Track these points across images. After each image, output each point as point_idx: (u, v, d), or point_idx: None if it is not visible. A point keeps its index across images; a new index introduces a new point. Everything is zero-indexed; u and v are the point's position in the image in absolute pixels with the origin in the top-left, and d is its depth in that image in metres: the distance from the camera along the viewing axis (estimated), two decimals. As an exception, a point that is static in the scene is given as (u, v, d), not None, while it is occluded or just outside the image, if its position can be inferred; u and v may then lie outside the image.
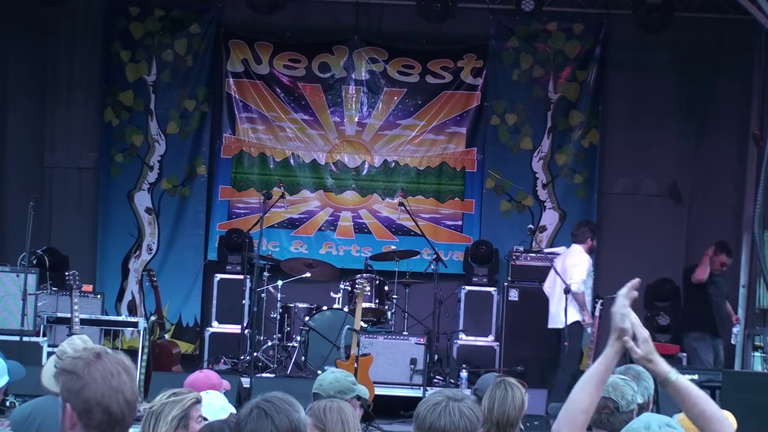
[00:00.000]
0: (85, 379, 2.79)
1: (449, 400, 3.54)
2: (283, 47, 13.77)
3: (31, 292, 10.99)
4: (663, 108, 13.69)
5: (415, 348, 11.40)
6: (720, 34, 13.44)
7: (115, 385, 2.81)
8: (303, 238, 13.74)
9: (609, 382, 4.50)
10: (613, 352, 3.38)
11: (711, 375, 10.78)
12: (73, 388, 2.79)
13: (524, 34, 13.64)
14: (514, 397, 5.00)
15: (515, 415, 4.99)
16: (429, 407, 3.54)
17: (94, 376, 2.80)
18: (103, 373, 2.80)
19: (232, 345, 12.20)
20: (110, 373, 2.81)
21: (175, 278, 13.46)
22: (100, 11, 13.75)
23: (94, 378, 2.79)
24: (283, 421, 3.00)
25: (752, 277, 12.95)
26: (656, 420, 3.10)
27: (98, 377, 2.80)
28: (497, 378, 5.20)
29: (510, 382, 5.07)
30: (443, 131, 13.77)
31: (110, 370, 2.82)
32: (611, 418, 4.45)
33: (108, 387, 2.80)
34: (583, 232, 11.81)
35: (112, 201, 13.66)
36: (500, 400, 5.00)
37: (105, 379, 2.80)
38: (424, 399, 3.63)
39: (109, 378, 2.81)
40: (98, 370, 2.81)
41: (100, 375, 2.80)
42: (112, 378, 2.81)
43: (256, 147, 13.79)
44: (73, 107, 13.73)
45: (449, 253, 13.28)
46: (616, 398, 4.49)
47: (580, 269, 11.42)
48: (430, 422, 3.51)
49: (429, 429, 3.51)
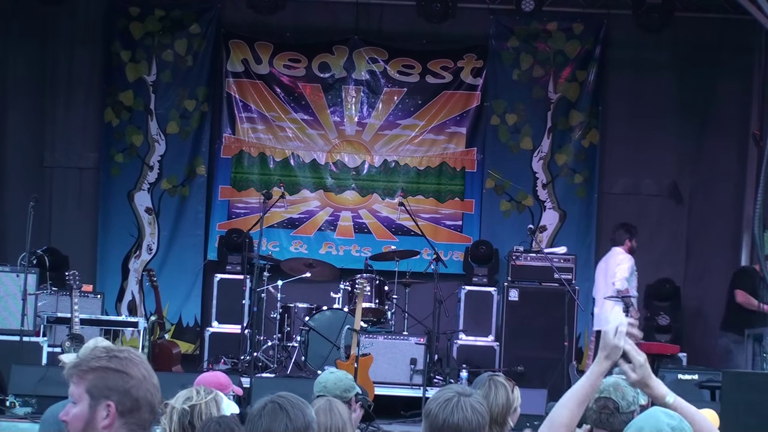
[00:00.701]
0: (135, 378, 2.81)
1: (460, 396, 3.56)
2: (283, 47, 13.77)
3: (31, 292, 10.99)
4: (663, 108, 13.69)
5: (415, 348, 11.39)
6: (720, 34, 13.44)
7: (156, 383, 2.86)
8: (303, 238, 13.74)
9: (610, 382, 4.50)
10: (599, 371, 3.37)
11: (711, 375, 10.78)
12: (121, 387, 2.79)
13: (524, 34, 13.64)
14: (497, 395, 5.03)
15: (498, 411, 5.01)
16: (440, 404, 3.55)
17: (142, 373, 2.83)
18: (146, 371, 2.84)
19: (232, 345, 12.19)
20: (150, 371, 2.86)
21: (175, 278, 13.47)
22: (100, 11, 13.75)
23: (142, 376, 2.83)
24: (297, 416, 3.01)
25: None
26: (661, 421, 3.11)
27: (145, 375, 2.84)
28: (488, 376, 5.23)
29: (496, 380, 5.11)
30: (443, 131, 13.77)
31: (149, 368, 2.86)
32: (611, 418, 4.45)
33: (152, 385, 2.84)
34: (620, 234, 12.05)
35: (112, 201, 13.66)
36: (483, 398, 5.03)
37: (149, 377, 2.84)
38: (434, 396, 3.64)
39: (151, 376, 2.85)
40: (143, 368, 2.84)
41: (146, 373, 2.84)
42: (153, 376, 2.86)
43: (256, 147, 13.79)
44: (73, 107, 13.73)
45: (449, 253, 13.28)
46: (616, 398, 4.49)
47: (622, 268, 11.69)
48: (443, 419, 3.52)
49: (443, 426, 3.52)
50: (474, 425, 3.54)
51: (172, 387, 5.33)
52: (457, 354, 12.44)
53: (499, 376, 5.18)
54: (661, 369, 11.08)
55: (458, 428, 3.53)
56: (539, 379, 11.37)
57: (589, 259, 13.41)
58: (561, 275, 11.96)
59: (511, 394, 5.07)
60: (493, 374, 5.23)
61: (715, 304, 13.36)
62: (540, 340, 12.11)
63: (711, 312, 13.42)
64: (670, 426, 3.13)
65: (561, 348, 11.22)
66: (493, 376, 5.19)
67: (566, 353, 11.13)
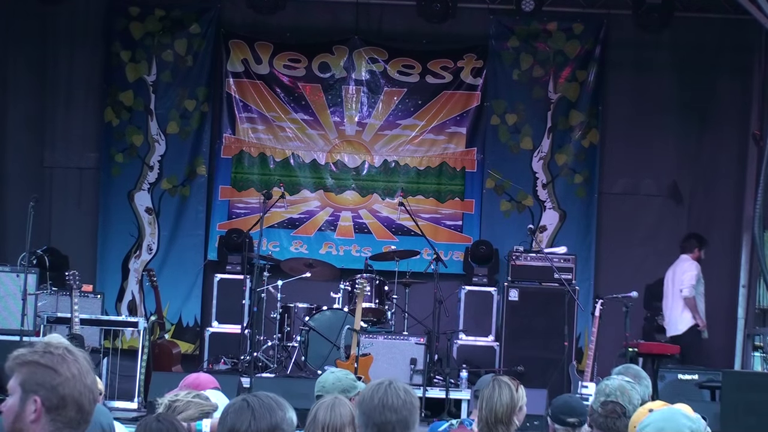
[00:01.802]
0: (64, 375, 2.79)
1: (391, 381, 3.78)
2: (283, 47, 13.77)
3: (31, 292, 10.99)
4: (663, 108, 13.68)
5: (415, 348, 11.39)
6: (720, 34, 13.43)
7: (89, 384, 2.81)
8: (303, 238, 13.74)
9: (616, 386, 4.50)
10: None
11: (711, 375, 10.79)
12: (48, 383, 2.78)
13: (524, 34, 13.64)
14: (501, 395, 5.07)
15: (503, 411, 5.05)
16: (373, 388, 3.75)
17: (73, 372, 2.80)
18: (79, 370, 2.81)
19: (232, 345, 12.20)
20: (85, 370, 2.82)
21: (175, 278, 13.46)
22: (100, 11, 13.75)
23: (72, 374, 2.80)
24: (263, 415, 3.00)
25: (752, 277, 12.95)
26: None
27: (76, 374, 2.80)
28: (492, 377, 5.26)
29: (500, 380, 5.15)
30: (443, 131, 13.77)
31: (84, 367, 2.82)
32: (617, 422, 4.46)
33: (83, 385, 2.80)
34: (691, 243, 12.37)
35: (112, 201, 13.66)
36: (488, 398, 5.10)
37: (81, 377, 2.81)
38: (366, 386, 3.86)
39: (85, 375, 2.82)
40: (75, 367, 2.81)
41: (77, 372, 2.80)
42: (86, 376, 2.82)
43: (256, 147, 13.79)
44: (73, 107, 13.73)
45: (449, 253, 13.28)
46: (623, 402, 4.49)
47: (689, 275, 12.07)
48: (378, 399, 3.71)
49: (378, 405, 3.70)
50: (408, 406, 3.72)
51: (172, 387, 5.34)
52: (457, 354, 12.44)
53: (502, 376, 5.21)
54: (661, 369, 11.09)
55: (393, 408, 3.70)
56: (539, 379, 11.36)
57: (589, 259, 13.42)
58: (561, 275, 11.96)
59: (516, 394, 5.10)
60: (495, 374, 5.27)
61: (715, 304, 13.36)
62: (540, 340, 12.12)
63: (711, 312, 13.40)
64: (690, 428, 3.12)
65: (561, 348, 11.21)
66: (497, 376, 5.22)
67: (566, 353, 11.13)
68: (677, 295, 12.10)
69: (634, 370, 5.51)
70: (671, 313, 12.22)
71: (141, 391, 10.89)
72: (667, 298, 12.35)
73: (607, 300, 11.17)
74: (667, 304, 12.35)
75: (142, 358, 11.06)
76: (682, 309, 12.02)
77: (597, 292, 12.83)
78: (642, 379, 5.24)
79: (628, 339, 10.94)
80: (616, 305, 11.15)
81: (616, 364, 5.89)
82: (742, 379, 9.69)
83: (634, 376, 5.18)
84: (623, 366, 5.64)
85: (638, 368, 5.64)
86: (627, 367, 5.57)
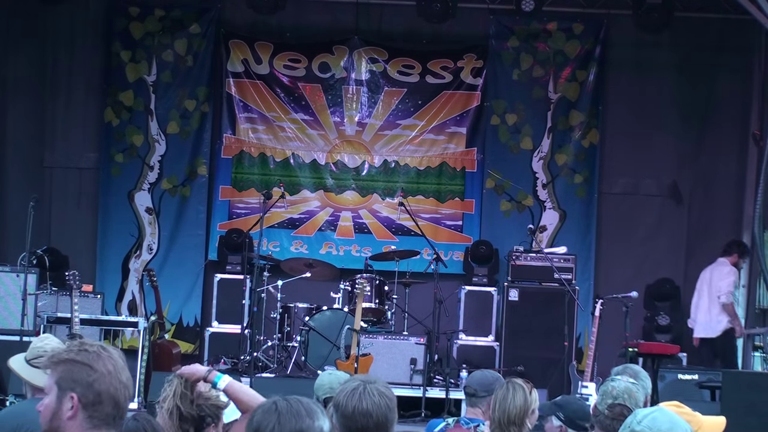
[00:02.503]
0: (99, 372, 2.83)
1: (365, 384, 3.67)
2: (283, 47, 13.77)
3: (31, 292, 10.98)
4: (663, 108, 13.68)
5: (415, 348, 11.39)
6: (720, 34, 13.43)
7: (124, 380, 2.87)
8: (303, 238, 13.74)
9: (623, 388, 4.50)
10: None
11: (711, 375, 10.78)
12: (84, 380, 2.82)
13: (524, 34, 13.64)
14: (515, 397, 5.07)
15: (516, 413, 5.05)
16: (347, 394, 3.66)
17: (108, 368, 2.85)
18: (114, 366, 2.86)
19: (232, 345, 12.19)
20: (120, 367, 2.87)
21: (176, 278, 13.46)
22: (100, 11, 13.75)
23: (108, 371, 2.85)
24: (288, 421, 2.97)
25: (752, 277, 12.95)
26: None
27: (111, 370, 2.85)
28: (507, 379, 5.27)
29: (514, 382, 5.16)
30: (443, 131, 13.77)
31: (119, 364, 2.88)
32: None
33: (118, 381, 2.85)
34: (732, 248, 12.33)
35: (113, 201, 13.66)
36: (501, 399, 5.10)
37: (116, 373, 2.86)
38: (340, 389, 3.74)
39: (120, 372, 2.87)
40: (110, 363, 2.86)
41: (112, 368, 2.85)
42: (121, 372, 2.87)
43: (256, 147, 13.79)
44: (73, 107, 13.73)
45: (449, 253, 13.28)
46: (631, 405, 4.49)
47: (727, 282, 12.06)
48: (352, 407, 3.63)
49: (353, 413, 3.62)
50: (383, 409, 3.63)
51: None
52: (457, 354, 12.45)
53: (516, 378, 5.21)
54: (661, 369, 11.09)
55: (368, 414, 3.62)
56: (539, 379, 11.32)
57: (589, 259, 13.42)
58: (561, 275, 11.96)
59: (529, 396, 5.12)
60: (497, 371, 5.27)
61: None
62: (540, 340, 12.12)
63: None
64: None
65: (561, 348, 11.21)
66: (511, 378, 5.23)
67: (566, 353, 11.12)
68: (713, 297, 12.08)
69: (633, 369, 5.51)
70: (706, 314, 12.18)
71: (141, 391, 10.88)
72: (702, 297, 12.28)
73: (607, 300, 11.17)
74: (700, 304, 12.29)
75: (142, 358, 11.04)
76: (718, 312, 12.01)
77: (597, 292, 12.83)
78: (641, 379, 5.24)
79: (628, 339, 10.94)
80: (616, 305, 11.15)
81: (616, 364, 5.89)
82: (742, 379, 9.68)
83: (633, 375, 5.18)
84: (623, 366, 5.64)
85: (638, 368, 5.64)
86: (627, 367, 5.57)
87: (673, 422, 3.24)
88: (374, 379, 3.75)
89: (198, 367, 4.36)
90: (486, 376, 5.64)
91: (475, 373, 5.78)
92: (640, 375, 5.37)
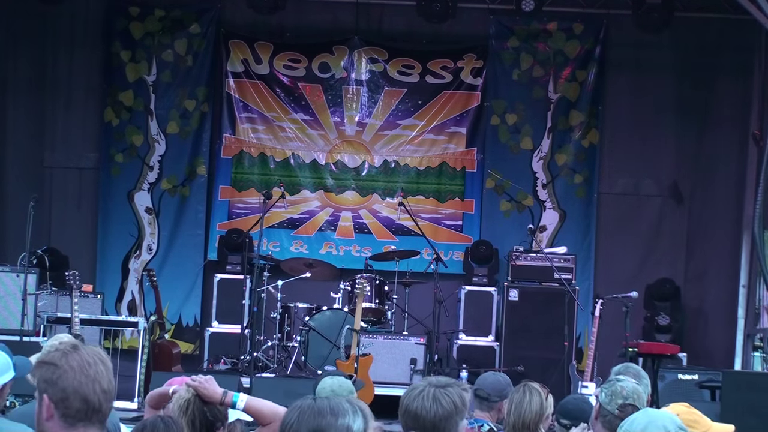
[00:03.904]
0: (63, 368, 2.84)
1: (429, 386, 3.64)
2: (283, 47, 13.78)
3: (31, 292, 10.99)
4: (663, 108, 13.68)
5: (415, 348, 11.39)
6: (720, 34, 13.43)
7: (92, 374, 2.85)
8: (303, 238, 13.75)
9: (632, 388, 4.50)
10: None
11: (711, 375, 10.78)
12: (50, 378, 2.84)
13: (524, 34, 13.65)
14: (531, 401, 5.09)
15: (532, 418, 5.07)
16: (409, 391, 3.67)
17: (71, 365, 2.85)
18: (80, 362, 2.85)
19: (232, 345, 12.20)
20: (87, 362, 2.86)
21: (175, 278, 13.47)
22: (100, 11, 13.75)
23: (71, 367, 2.84)
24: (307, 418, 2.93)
25: (752, 277, 12.95)
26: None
27: (75, 366, 2.85)
28: (523, 382, 5.26)
29: (531, 386, 5.17)
30: (443, 131, 13.77)
31: (87, 360, 2.86)
32: None
33: (85, 375, 2.84)
34: None
35: (112, 201, 13.66)
36: (517, 403, 5.11)
37: (82, 368, 2.85)
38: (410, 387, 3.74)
39: (86, 367, 2.85)
40: (75, 360, 2.86)
41: (77, 364, 2.85)
42: (89, 367, 2.85)
43: (256, 147, 13.80)
44: (73, 107, 13.73)
45: (449, 253, 13.29)
46: (639, 405, 4.49)
47: None
48: (405, 405, 3.64)
49: (405, 412, 3.63)
50: (432, 415, 3.59)
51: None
52: (457, 354, 12.45)
53: (533, 383, 5.21)
54: (661, 369, 11.08)
55: (416, 416, 3.61)
56: (539, 379, 11.22)
57: (588, 259, 13.42)
58: (561, 275, 11.97)
59: (545, 401, 5.12)
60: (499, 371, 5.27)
61: (715, 304, 13.38)
62: (540, 340, 12.11)
63: (711, 312, 13.43)
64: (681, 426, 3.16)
65: (561, 348, 11.22)
66: (527, 382, 5.22)
67: (566, 353, 11.13)
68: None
69: (634, 369, 5.51)
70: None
71: (141, 391, 10.89)
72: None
73: (607, 300, 11.18)
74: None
75: (142, 358, 11.05)
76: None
77: (597, 292, 12.83)
78: (641, 378, 5.24)
79: (628, 339, 10.94)
80: (616, 305, 11.15)
81: (616, 364, 5.88)
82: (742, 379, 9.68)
83: (634, 375, 5.18)
84: (623, 365, 5.64)
85: (638, 368, 5.64)
86: (627, 367, 5.57)
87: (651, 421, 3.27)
88: (446, 382, 3.70)
89: (215, 389, 4.33)
90: (499, 380, 5.60)
91: (486, 377, 5.68)
92: (641, 375, 5.37)
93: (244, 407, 4.38)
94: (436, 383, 3.67)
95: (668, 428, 3.26)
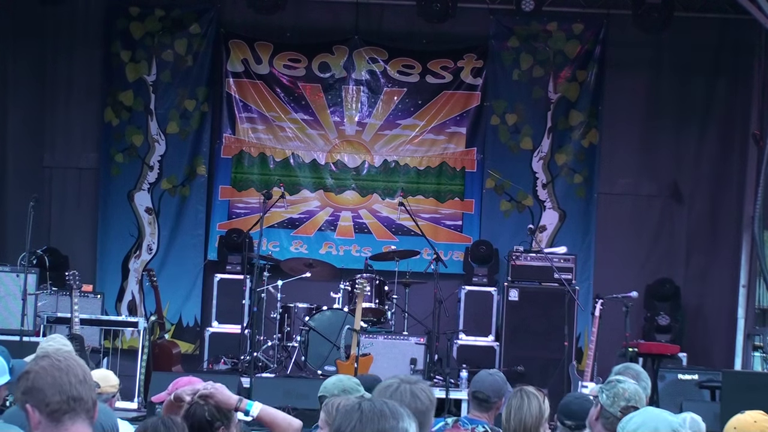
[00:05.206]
0: (34, 371, 2.93)
1: (401, 383, 3.61)
2: (283, 47, 13.77)
3: (31, 292, 10.99)
4: (663, 108, 13.68)
5: (415, 348, 11.39)
6: (720, 34, 13.44)
7: (63, 368, 2.93)
8: (303, 238, 13.75)
9: (632, 391, 4.50)
10: None
11: (711, 375, 10.78)
12: (27, 387, 2.92)
13: (524, 34, 13.64)
14: (530, 406, 5.07)
15: (532, 422, 5.06)
16: (381, 389, 3.62)
17: (42, 365, 2.94)
18: (50, 362, 2.94)
19: (232, 345, 12.20)
20: (57, 359, 2.95)
21: (175, 278, 13.46)
22: (100, 11, 13.75)
23: (41, 367, 2.93)
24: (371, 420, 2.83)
25: (752, 277, 12.96)
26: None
27: (46, 366, 2.93)
28: (518, 387, 5.24)
29: (527, 390, 5.14)
30: (443, 131, 13.77)
31: (56, 358, 2.96)
32: None
33: (57, 370, 2.92)
34: None
35: (112, 201, 13.66)
36: (516, 409, 5.09)
37: (52, 366, 2.93)
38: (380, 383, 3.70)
39: (56, 363, 2.94)
40: (45, 362, 2.95)
41: (47, 364, 2.94)
42: (59, 363, 2.94)
43: (256, 147, 13.79)
44: (73, 107, 13.73)
45: (449, 253, 13.28)
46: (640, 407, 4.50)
47: None
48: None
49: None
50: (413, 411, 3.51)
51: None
52: (457, 354, 12.44)
53: (528, 387, 5.19)
54: (661, 369, 11.09)
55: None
56: (539, 379, 11.35)
57: (588, 259, 13.42)
58: (561, 275, 11.97)
59: (543, 405, 5.11)
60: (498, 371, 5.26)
61: (715, 304, 13.38)
62: (540, 340, 12.12)
63: (711, 312, 13.43)
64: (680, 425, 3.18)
65: (561, 348, 11.22)
66: (523, 387, 5.20)
67: (566, 353, 11.13)
68: None
69: (634, 369, 5.51)
70: None
71: (141, 391, 10.90)
72: None
73: (607, 300, 11.18)
74: None
75: (142, 358, 11.06)
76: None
77: (597, 292, 12.80)
78: (641, 379, 5.24)
79: (628, 339, 10.94)
80: (616, 305, 11.16)
81: (616, 364, 5.88)
82: (742, 379, 9.68)
83: (633, 375, 5.18)
84: (623, 365, 5.63)
85: (638, 368, 5.63)
86: (627, 367, 5.56)
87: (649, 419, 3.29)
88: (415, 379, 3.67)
89: (228, 396, 4.31)
90: (496, 380, 5.59)
91: (483, 378, 5.64)
92: (641, 376, 5.37)
93: (258, 415, 4.38)
94: (407, 380, 3.64)
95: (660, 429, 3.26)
